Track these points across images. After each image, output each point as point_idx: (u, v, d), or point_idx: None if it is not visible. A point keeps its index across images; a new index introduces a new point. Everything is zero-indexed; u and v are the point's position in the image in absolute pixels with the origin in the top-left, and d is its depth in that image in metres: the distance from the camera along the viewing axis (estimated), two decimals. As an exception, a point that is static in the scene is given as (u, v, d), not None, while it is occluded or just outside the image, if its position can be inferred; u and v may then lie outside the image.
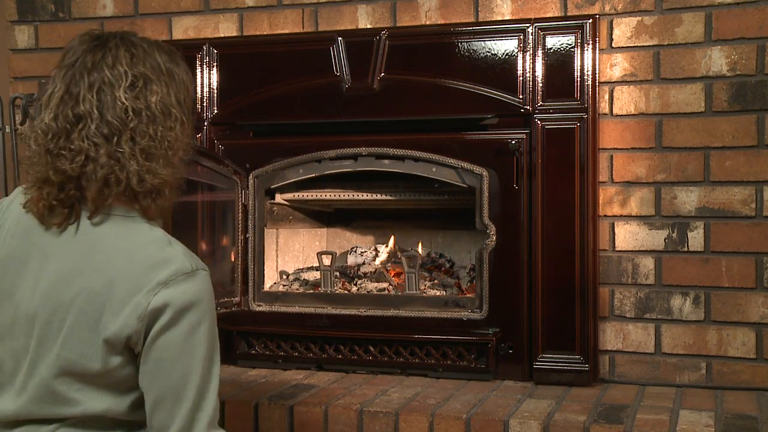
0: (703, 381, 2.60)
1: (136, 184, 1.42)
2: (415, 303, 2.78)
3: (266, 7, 2.99)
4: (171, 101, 1.46)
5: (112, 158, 1.40)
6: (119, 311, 1.38)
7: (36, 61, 3.25)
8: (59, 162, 1.41)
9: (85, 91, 1.41)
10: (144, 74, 1.43)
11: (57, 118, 1.42)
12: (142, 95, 1.43)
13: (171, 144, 1.45)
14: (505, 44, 2.67)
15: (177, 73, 1.49)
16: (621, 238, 2.66)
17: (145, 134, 1.42)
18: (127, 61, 1.43)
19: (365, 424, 2.31)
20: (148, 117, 1.42)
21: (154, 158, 1.43)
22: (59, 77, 1.45)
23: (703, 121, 2.60)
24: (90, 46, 1.45)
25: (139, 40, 1.48)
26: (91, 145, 1.40)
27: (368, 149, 2.78)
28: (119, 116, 1.40)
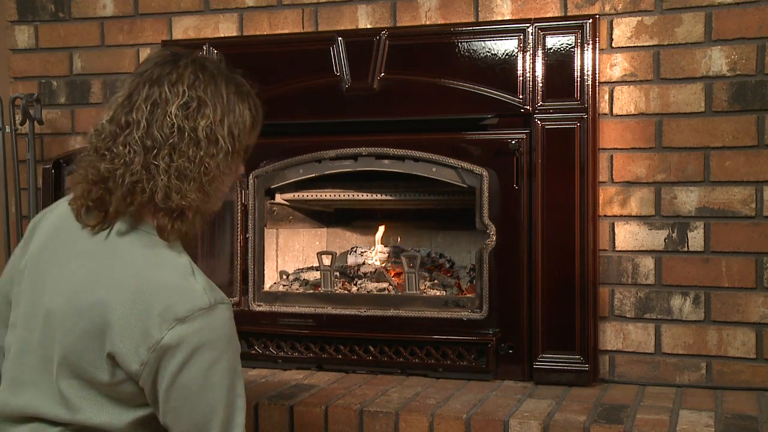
0: (703, 381, 2.60)
1: (161, 200, 1.42)
2: (415, 303, 2.78)
3: (266, 7, 2.99)
4: (222, 130, 1.46)
5: (144, 168, 1.42)
6: (129, 333, 1.37)
7: (36, 61, 3.25)
8: (99, 161, 1.44)
9: (142, 100, 1.44)
10: (200, 98, 1.44)
11: (112, 120, 1.46)
12: (192, 117, 1.44)
13: (208, 170, 1.45)
14: (505, 44, 2.67)
15: (238, 107, 1.49)
16: (621, 238, 2.66)
17: (183, 154, 1.42)
18: (189, 82, 1.45)
19: (365, 424, 2.31)
20: (190, 138, 1.43)
21: (186, 180, 1.43)
22: (127, 83, 1.48)
23: (703, 121, 2.60)
24: (162, 60, 1.48)
25: (213, 66, 1.49)
26: (130, 151, 1.42)
27: (368, 149, 2.78)
28: (164, 131, 1.42)
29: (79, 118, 3.22)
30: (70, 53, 3.22)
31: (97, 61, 3.19)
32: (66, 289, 1.43)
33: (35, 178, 3.02)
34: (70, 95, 3.23)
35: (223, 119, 1.46)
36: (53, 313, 1.43)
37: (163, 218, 1.44)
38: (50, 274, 1.47)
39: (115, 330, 1.38)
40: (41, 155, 3.20)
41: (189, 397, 1.38)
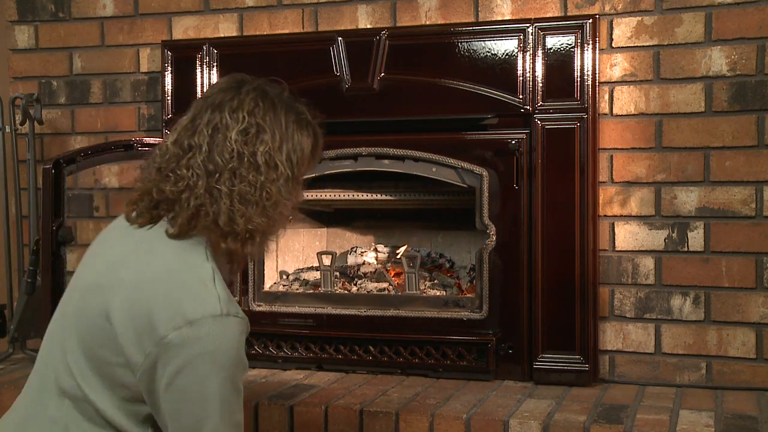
0: (703, 381, 2.60)
1: (224, 223, 1.46)
2: (415, 303, 2.78)
3: (266, 7, 2.99)
4: (280, 156, 1.50)
5: (207, 192, 1.46)
6: (137, 320, 1.39)
7: (36, 61, 3.25)
8: (163, 183, 1.48)
9: (204, 125, 1.49)
10: (259, 124, 1.49)
11: (175, 143, 1.50)
12: (251, 142, 1.47)
13: (270, 195, 1.48)
14: (505, 44, 2.67)
15: (296, 135, 1.53)
16: (621, 238, 2.66)
17: (244, 179, 1.46)
18: (249, 108, 1.49)
19: (365, 424, 2.31)
20: (250, 163, 1.47)
21: (249, 204, 1.47)
22: (193, 107, 1.53)
23: (703, 121, 2.60)
24: (226, 86, 1.53)
25: (274, 94, 1.53)
26: (193, 174, 1.46)
27: (368, 149, 2.78)
28: (224, 156, 1.46)
29: (79, 118, 3.22)
30: (70, 53, 3.22)
31: (97, 61, 3.19)
32: (98, 269, 1.50)
33: (35, 178, 3.02)
34: (70, 95, 3.23)
35: (281, 146, 1.50)
36: (83, 288, 1.50)
37: (234, 242, 1.48)
38: (94, 256, 1.55)
39: (124, 313, 1.40)
40: (41, 155, 3.20)
41: (185, 401, 1.39)
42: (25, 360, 2.96)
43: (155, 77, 3.11)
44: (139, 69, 3.15)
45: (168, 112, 2.99)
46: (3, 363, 2.92)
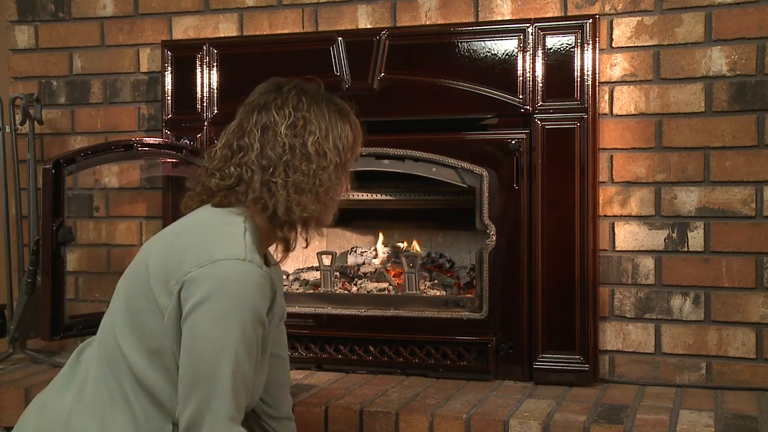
0: (703, 381, 2.60)
1: (283, 213, 1.57)
2: (415, 303, 2.78)
3: (266, 7, 2.99)
4: (328, 144, 1.60)
5: (264, 186, 1.57)
6: (169, 265, 1.49)
7: (36, 61, 3.25)
8: (208, 180, 1.61)
9: (252, 125, 1.59)
10: (305, 117, 1.60)
11: (224, 146, 1.61)
12: (300, 134, 1.58)
13: (323, 182, 1.59)
14: (505, 44, 2.67)
15: (339, 124, 1.64)
16: (621, 238, 2.66)
17: (297, 169, 1.57)
18: (293, 104, 1.60)
19: (365, 424, 2.31)
20: (302, 154, 1.58)
21: (303, 193, 1.58)
22: (239, 113, 1.64)
23: (703, 121, 2.60)
24: (268, 89, 1.64)
25: (313, 90, 1.65)
26: (247, 170, 1.57)
27: (368, 149, 2.77)
28: (277, 151, 1.57)
29: (79, 118, 3.22)
30: (70, 53, 3.22)
31: (97, 61, 3.19)
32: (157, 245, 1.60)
33: (35, 178, 3.01)
34: (70, 95, 3.23)
35: (327, 135, 1.60)
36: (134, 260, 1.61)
37: (290, 230, 1.60)
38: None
39: (159, 257, 1.52)
40: (41, 155, 3.20)
41: (198, 337, 1.45)
42: (25, 360, 2.96)
43: (155, 77, 3.11)
44: (139, 69, 3.15)
45: (168, 112, 2.99)
46: (3, 363, 2.92)
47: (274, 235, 1.63)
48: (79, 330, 2.66)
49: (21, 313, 2.88)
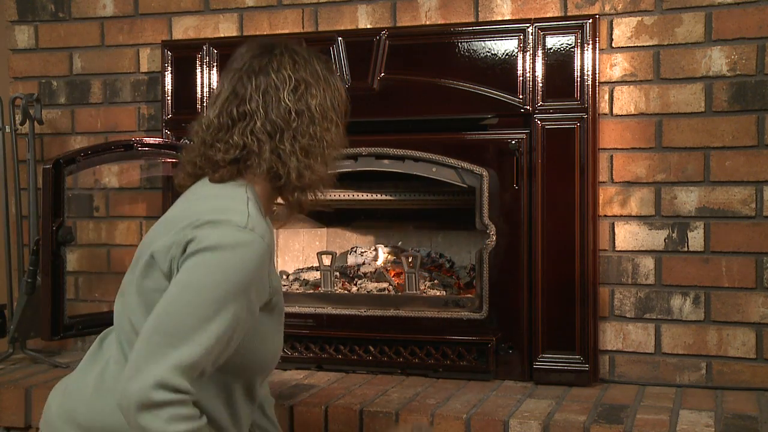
0: (703, 381, 2.60)
1: (296, 179, 1.55)
2: (415, 303, 2.78)
3: (266, 7, 2.99)
4: (328, 105, 1.60)
5: (274, 154, 1.54)
6: (171, 236, 1.48)
7: (36, 61, 3.25)
8: (211, 151, 1.55)
9: (252, 91, 1.54)
10: (305, 79, 1.57)
11: (221, 115, 1.56)
12: (304, 98, 1.56)
13: (329, 143, 1.60)
14: (505, 44, 2.67)
15: (332, 81, 1.63)
16: (621, 238, 2.66)
17: (305, 134, 1.55)
18: (290, 66, 1.57)
19: (365, 424, 2.31)
20: (309, 118, 1.56)
21: (312, 156, 1.57)
22: (227, 79, 1.58)
23: (703, 121, 2.60)
24: (257, 52, 1.59)
25: (301, 50, 1.61)
26: (255, 140, 1.53)
27: (368, 149, 2.78)
28: (283, 116, 1.54)
29: (79, 118, 3.22)
30: (70, 53, 3.22)
31: (97, 61, 3.19)
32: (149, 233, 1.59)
33: (35, 178, 3.01)
34: (70, 95, 3.23)
35: (326, 95, 1.60)
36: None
37: (302, 194, 1.59)
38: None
39: (162, 237, 1.50)
40: (41, 155, 3.20)
41: (178, 282, 1.42)
42: (25, 360, 2.96)
43: (155, 77, 3.11)
44: (139, 69, 3.15)
45: (168, 112, 2.99)
46: (3, 363, 2.92)
47: (274, 200, 1.63)
48: (79, 330, 2.66)
49: (21, 313, 2.88)
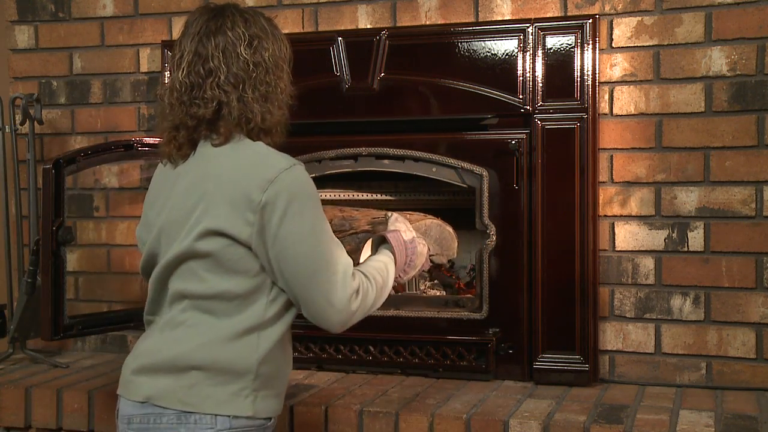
0: (703, 381, 2.60)
1: (260, 122, 1.72)
2: (415, 303, 2.78)
3: (266, 7, 2.98)
4: (278, 55, 1.77)
5: (240, 102, 1.70)
6: (232, 206, 1.63)
7: (36, 61, 3.25)
8: (193, 109, 1.70)
9: (213, 50, 1.70)
10: (257, 35, 1.74)
11: (189, 74, 1.71)
12: (258, 51, 1.73)
13: (282, 90, 1.77)
14: (505, 44, 2.67)
15: (277, 34, 1.80)
16: (621, 238, 2.66)
17: (263, 82, 1.72)
18: (242, 24, 1.73)
19: (365, 424, 2.31)
20: (264, 68, 1.73)
21: (270, 101, 1.74)
22: (186, 42, 1.73)
23: (703, 121, 2.60)
24: (210, 15, 1.74)
25: (248, 9, 1.78)
26: (222, 92, 1.69)
27: (368, 149, 2.78)
28: (243, 68, 1.70)
29: (79, 118, 3.22)
30: (70, 53, 3.22)
31: (97, 61, 3.19)
32: (172, 204, 1.72)
33: (35, 178, 3.01)
34: (70, 95, 3.23)
35: (274, 47, 1.76)
36: (165, 225, 1.73)
37: (266, 137, 1.74)
38: (156, 209, 1.77)
39: (217, 207, 1.65)
40: (41, 155, 3.20)
41: (290, 244, 1.63)
42: (25, 360, 2.96)
43: (155, 77, 3.11)
44: (139, 69, 3.15)
45: (168, 112, 2.99)
46: (3, 363, 2.92)
47: None
48: (79, 330, 2.66)
49: (21, 313, 2.88)
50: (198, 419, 1.66)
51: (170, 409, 1.67)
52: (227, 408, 1.66)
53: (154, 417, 1.69)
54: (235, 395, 1.67)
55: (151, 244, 1.77)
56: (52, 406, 2.58)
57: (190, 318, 1.70)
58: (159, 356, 1.70)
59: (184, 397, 1.66)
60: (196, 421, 1.66)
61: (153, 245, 1.76)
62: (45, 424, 2.59)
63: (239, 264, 1.67)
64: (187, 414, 1.67)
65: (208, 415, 1.66)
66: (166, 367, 1.68)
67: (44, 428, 2.60)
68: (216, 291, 1.68)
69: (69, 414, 2.57)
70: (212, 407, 1.66)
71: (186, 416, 1.67)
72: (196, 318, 1.70)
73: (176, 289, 1.72)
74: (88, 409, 2.55)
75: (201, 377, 1.66)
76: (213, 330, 1.68)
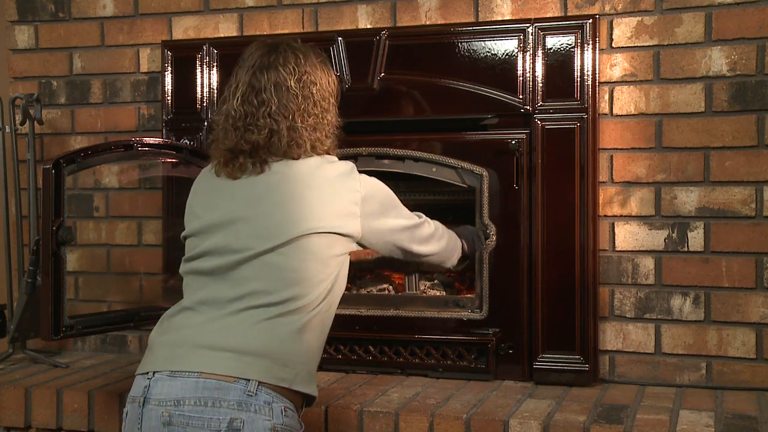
0: (703, 381, 2.60)
1: (310, 148, 1.91)
2: (415, 303, 2.78)
3: (266, 7, 2.99)
4: (324, 90, 1.96)
5: (290, 130, 1.89)
6: (325, 210, 1.85)
7: (36, 61, 3.25)
8: (248, 135, 1.88)
9: (265, 83, 1.90)
10: (306, 71, 1.93)
11: (243, 104, 1.90)
12: (307, 86, 1.92)
13: (329, 121, 1.97)
14: (505, 44, 2.67)
15: (326, 70, 1.99)
16: (621, 238, 2.66)
17: (311, 114, 1.91)
18: (293, 61, 1.92)
19: (365, 424, 2.31)
20: (312, 102, 1.92)
21: (318, 131, 1.93)
22: (242, 74, 1.94)
23: (703, 121, 2.60)
24: (265, 51, 1.94)
25: (299, 46, 1.97)
26: (274, 122, 1.88)
27: (368, 149, 2.78)
28: (292, 101, 1.89)
29: (79, 118, 3.22)
30: (70, 53, 3.22)
31: (97, 61, 3.19)
32: (240, 203, 1.87)
33: (35, 178, 3.02)
34: (70, 95, 3.23)
35: (322, 82, 1.95)
36: (237, 220, 1.86)
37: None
38: (213, 205, 1.91)
39: (320, 218, 1.85)
40: (41, 155, 3.20)
41: (390, 226, 2.03)
42: (25, 360, 2.96)
43: (155, 77, 3.11)
44: (139, 69, 3.15)
45: (168, 112, 2.99)
46: (3, 363, 2.92)
47: None
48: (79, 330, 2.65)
49: (21, 313, 2.88)
50: (258, 408, 1.71)
51: (236, 391, 1.71)
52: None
53: (212, 401, 1.70)
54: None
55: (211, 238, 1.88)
56: (52, 406, 2.59)
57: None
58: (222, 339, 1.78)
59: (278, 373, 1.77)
60: (257, 410, 1.71)
61: (215, 240, 1.87)
62: (45, 424, 2.59)
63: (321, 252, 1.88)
64: (248, 402, 1.71)
65: (267, 406, 1.72)
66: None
67: (44, 428, 2.60)
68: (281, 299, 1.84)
69: (69, 414, 2.57)
70: (299, 385, 1.80)
71: (247, 404, 1.71)
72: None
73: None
74: (88, 409, 2.55)
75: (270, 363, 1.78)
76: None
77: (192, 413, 1.69)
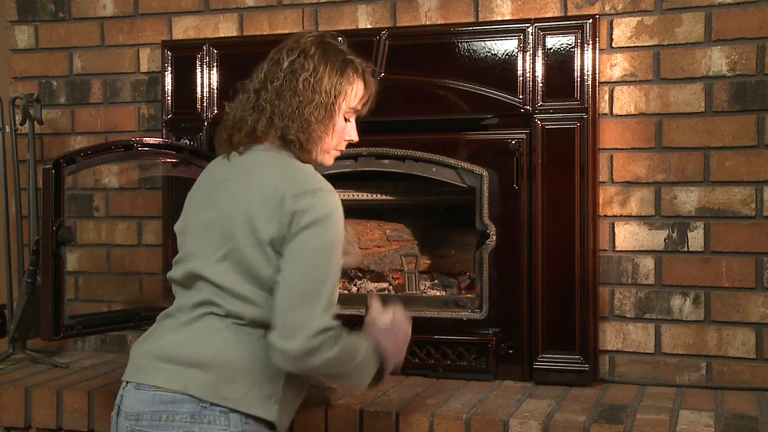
0: (703, 381, 2.60)
1: (305, 141, 1.82)
2: (415, 303, 2.78)
3: (266, 7, 2.99)
4: (316, 86, 1.83)
5: (287, 119, 1.81)
6: (272, 213, 1.71)
7: (36, 61, 3.25)
8: (247, 119, 1.83)
9: (278, 73, 1.83)
10: (306, 60, 1.83)
11: (252, 90, 1.85)
12: (297, 72, 1.82)
13: (316, 117, 1.83)
14: (505, 44, 2.67)
15: (338, 72, 1.86)
16: (621, 238, 2.66)
17: (283, 97, 1.81)
18: (303, 48, 1.84)
19: (365, 424, 2.31)
20: (292, 89, 1.81)
21: (293, 120, 1.81)
22: (265, 67, 1.87)
23: (703, 121, 2.60)
24: (290, 46, 1.86)
25: (330, 42, 1.89)
26: (274, 112, 1.81)
27: (368, 149, 2.77)
28: (275, 82, 1.82)
29: (79, 118, 3.22)
30: (70, 53, 3.22)
31: (97, 61, 3.19)
32: (224, 201, 1.79)
33: (35, 178, 3.01)
34: (70, 95, 3.23)
35: (320, 77, 1.83)
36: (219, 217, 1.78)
37: (303, 154, 1.84)
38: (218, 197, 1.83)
39: (260, 216, 1.71)
40: (41, 155, 3.20)
41: (309, 251, 1.70)
42: (25, 360, 2.96)
43: (155, 77, 3.11)
44: (139, 69, 3.15)
45: (168, 112, 2.99)
46: (3, 363, 2.92)
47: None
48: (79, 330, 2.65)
49: (21, 313, 2.88)
50: (212, 419, 1.67)
51: (191, 404, 1.68)
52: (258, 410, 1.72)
53: (166, 414, 1.68)
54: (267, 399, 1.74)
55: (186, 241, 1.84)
56: (52, 406, 2.58)
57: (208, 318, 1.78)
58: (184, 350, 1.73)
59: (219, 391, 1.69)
60: (210, 421, 1.67)
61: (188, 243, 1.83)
62: (45, 424, 2.59)
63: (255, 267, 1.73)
64: (202, 413, 1.67)
65: (222, 416, 1.67)
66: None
67: (44, 428, 2.60)
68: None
69: (69, 414, 2.57)
70: (245, 406, 1.70)
71: (201, 416, 1.67)
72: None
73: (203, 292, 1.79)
74: (88, 409, 2.55)
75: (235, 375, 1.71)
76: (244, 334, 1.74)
77: (148, 428, 1.69)
